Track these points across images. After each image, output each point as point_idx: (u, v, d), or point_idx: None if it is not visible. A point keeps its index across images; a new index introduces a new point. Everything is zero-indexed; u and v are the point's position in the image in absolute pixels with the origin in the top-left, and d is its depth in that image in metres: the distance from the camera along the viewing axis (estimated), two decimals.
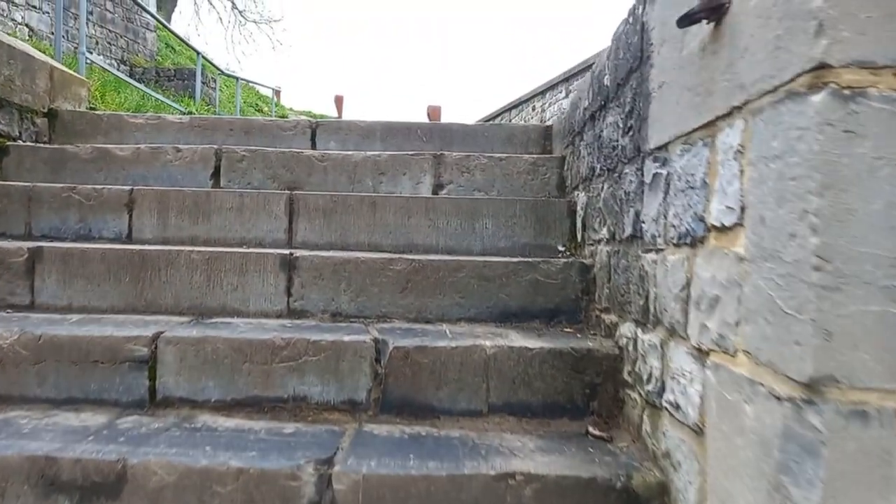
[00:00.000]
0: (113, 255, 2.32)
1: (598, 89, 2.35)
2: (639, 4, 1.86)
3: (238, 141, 3.56)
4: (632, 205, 1.82)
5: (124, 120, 3.57)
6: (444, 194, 3.10)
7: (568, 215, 2.68)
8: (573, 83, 12.33)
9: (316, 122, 3.58)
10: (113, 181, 3.13)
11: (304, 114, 24.29)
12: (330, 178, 3.12)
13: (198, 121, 3.58)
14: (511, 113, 16.36)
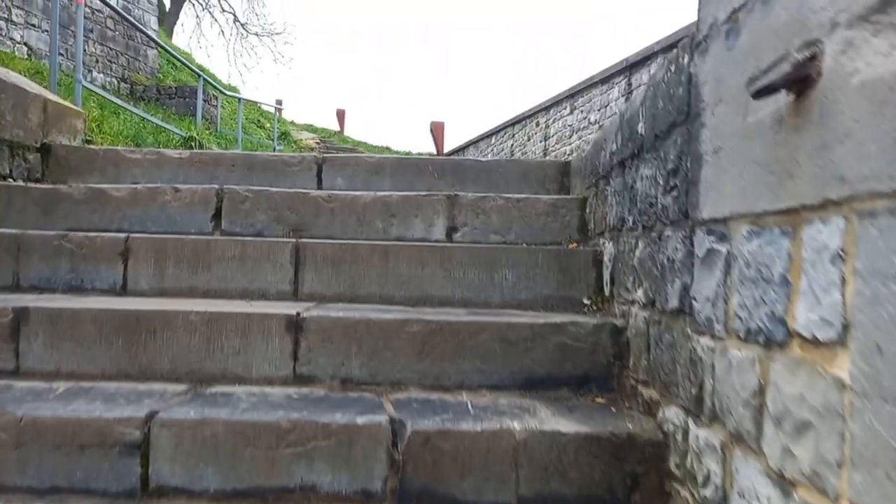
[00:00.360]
0: (105, 317, 2.14)
1: (630, 135, 2.17)
2: (682, 53, 1.69)
3: (240, 177, 3.39)
4: (677, 275, 1.64)
5: (121, 155, 3.40)
6: (458, 238, 2.93)
7: (593, 265, 2.50)
8: (577, 100, 12.21)
9: (322, 158, 3.41)
10: (108, 223, 2.96)
11: (305, 128, 24.23)
12: (338, 220, 2.95)
13: (198, 156, 3.41)
14: (514, 128, 16.25)
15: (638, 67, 9.76)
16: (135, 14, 10.53)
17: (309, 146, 13.31)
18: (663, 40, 8.87)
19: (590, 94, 11.61)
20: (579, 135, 12.04)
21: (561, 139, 12.94)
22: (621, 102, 10.28)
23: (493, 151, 18.11)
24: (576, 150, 12.17)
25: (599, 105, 11.15)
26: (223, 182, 3.36)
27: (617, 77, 10.47)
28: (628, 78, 10.08)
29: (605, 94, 10.96)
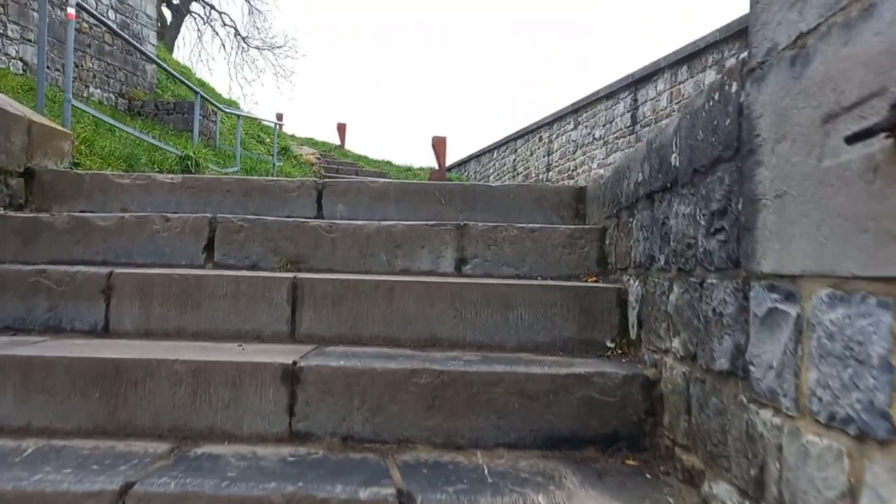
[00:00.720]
0: (81, 366, 1.93)
1: (660, 166, 1.98)
2: (729, 80, 1.50)
3: (236, 203, 3.19)
4: (726, 331, 1.44)
5: (109, 180, 3.21)
6: (468, 270, 2.73)
7: (617, 305, 2.30)
8: (581, 115, 12.06)
9: (322, 183, 3.22)
10: (93, 255, 2.76)
11: (306, 142, 24.07)
12: (339, 251, 2.75)
13: (191, 181, 3.22)
14: (517, 143, 16.11)
15: (644, 83, 9.61)
16: (133, 29, 10.40)
17: (309, 161, 13.15)
18: (670, 55, 8.73)
19: (594, 110, 11.47)
20: (583, 150, 11.88)
21: (564, 155, 12.78)
22: (627, 118, 10.13)
23: (496, 166, 17.97)
24: (580, 165, 12.01)
25: (605, 120, 10.99)
26: (217, 208, 3.17)
27: (622, 92, 10.32)
28: (634, 93, 9.93)
29: (610, 110, 10.81)
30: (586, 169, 11.70)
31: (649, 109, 9.44)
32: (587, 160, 11.71)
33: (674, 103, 8.71)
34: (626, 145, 10.11)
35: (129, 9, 10.32)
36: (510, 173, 16.69)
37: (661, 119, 9.08)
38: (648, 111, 9.46)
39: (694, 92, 8.18)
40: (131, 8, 10.36)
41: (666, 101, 8.92)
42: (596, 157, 11.30)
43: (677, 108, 8.61)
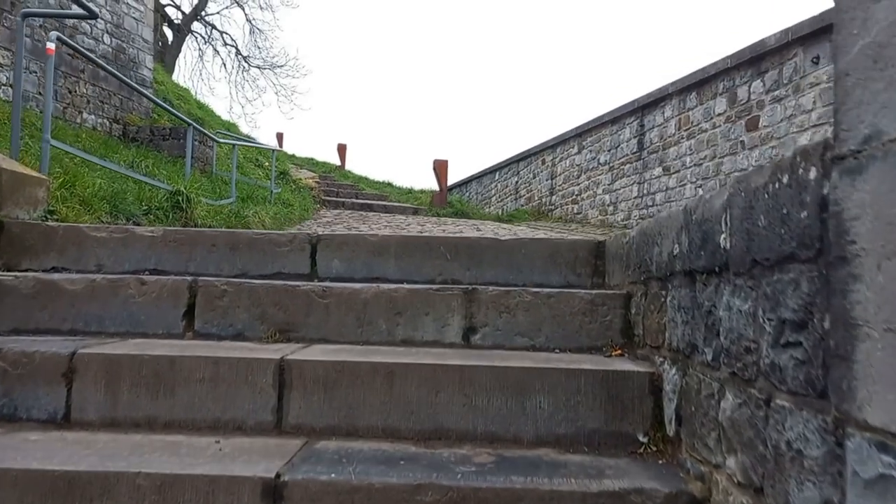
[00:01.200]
0: (27, 479, 1.65)
1: (702, 243, 1.71)
2: (805, 164, 1.23)
3: (222, 258, 2.92)
4: (809, 478, 1.16)
5: (84, 233, 2.94)
6: (477, 340, 2.45)
7: (650, 392, 2.02)
8: (585, 139, 11.85)
9: (317, 237, 2.95)
10: (59, 322, 2.49)
11: (306, 162, 23.91)
12: (333, 318, 2.47)
13: (172, 234, 2.95)
14: (519, 165, 15.90)
15: (650, 109, 9.40)
16: (129, 53, 10.22)
17: (309, 185, 12.92)
18: (678, 81, 8.52)
19: (599, 134, 11.26)
20: (588, 175, 11.65)
21: (568, 179, 12.55)
22: (633, 144, 9.90)
23: (497, 188, 17.75)
24: (584, 190, 11.77)
25: (610, 145, 10.77)
26: (202, 265, 2.90)
27: (628, 118, 10.11)
28: (640, 119, 9.71)
29: (615, 135, 10.59)
30: (591, 194, 11.46)
31: (656, 136, 9.21)
32: (592, 185, 11.47)
33: (682, 130, 8.48)
34: (633, 171, 9.87)
35: (125, 33, 10.14)
36: (512, 195, 16.47)
37: (668, 146, 8.85)
38: (655, 137, 9.24)
39: (703, 119, 7.96)
40: (127, 32, 10.18)
41: (674, 127, 8.70)
42: (601, 183, 11.06)
43: (686, 136, 8.38)
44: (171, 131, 9.97)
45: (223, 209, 6.55)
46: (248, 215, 7.12)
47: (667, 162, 8.86)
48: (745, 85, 7.14)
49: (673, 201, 8.62)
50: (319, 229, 9.01)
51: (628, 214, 9.97)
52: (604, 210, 10.89)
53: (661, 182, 9.00)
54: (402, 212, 13.18)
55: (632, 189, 9.89)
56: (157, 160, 8.69)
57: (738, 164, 7.19)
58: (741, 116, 7.18)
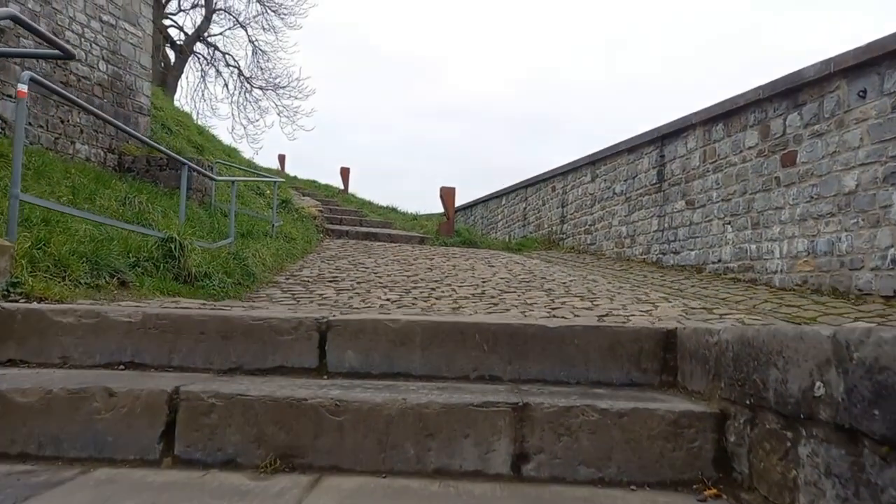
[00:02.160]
0: None
1: (875, 398, 1.21)
2: None
3: (211, 350, 2.43)
4: None
5: (47, 318, 2.45)
6: (530, 471, 1.94)
7: None
8: (599, 168, 11.41)
9: (326, 323, 2.46)
10: (8, 444, 1.98)
11: (308, 184, 23.52)
12: (348, 441, 1.97)
13: (153, 320, 2.46)
14: (527, 191, 15.47)
15: (672, 139, 8.95)
16: (126, 80, 9.81)
17: (311, 214, 12.45)
18: (702, 112, 8.08)
19: (614, 163, 10.81)
20: (602, 205, 11.18)
21: (581, 208, 12.09)
22: (652, 175, 9.44)
23: (504, 213, 17.31)
24: (598, 221, 11.30)
25: (626, 175, 10.32)
26: (187, 357, 2.41)
27: (647, 147, 9.66)
28: (660, 149, 9.27)
29: (632, 164, 10.14)
30: (606, 225, 10.99)
31: (678, 167, 8.76)
32: (607, 216, 11.00)
33: (707, 162, 8.02)
34: (652, 203, 9.40)
35: (122, 59, 9.74)
36: (520, 222, 16.02)
37: (692, 179, 8.39)
38: (677, 169, 8.78)
39: (731, 152, 7.50)
40: (124, 59, 9.78)
41: (698, 159, 8.24)
42: (617, 214, 10.59)
43: (712, 168, 7.92)
44: (169, 161, 9.52)
45: (221, 252, 6.06)
46: (248, 256, 6.64)
47: (690, 195, 8.39)
48: (779, 118, 6.69)
49: (698, 237, 8.14)
50: (323, 265, 8.54)
51: (647, 248, 9.48)
52: (620, 242, 10.41)
53: (683, 216, 8.52)
54: (408, 241, 12.71)
55: (651, 222, 9.41)
56: (153, 194, 8.24)
57: (772, 201, 6.71)
58: (775, 151, 6.72)
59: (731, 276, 7.31)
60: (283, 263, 8.14)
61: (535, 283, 6.96)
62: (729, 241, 7.46)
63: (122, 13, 9.78)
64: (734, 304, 5.68)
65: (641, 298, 5.73)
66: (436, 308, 5.45)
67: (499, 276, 7.53)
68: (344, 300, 5.95)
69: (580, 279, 7.41)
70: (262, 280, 6.73)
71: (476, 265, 8.84)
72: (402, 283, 7.05)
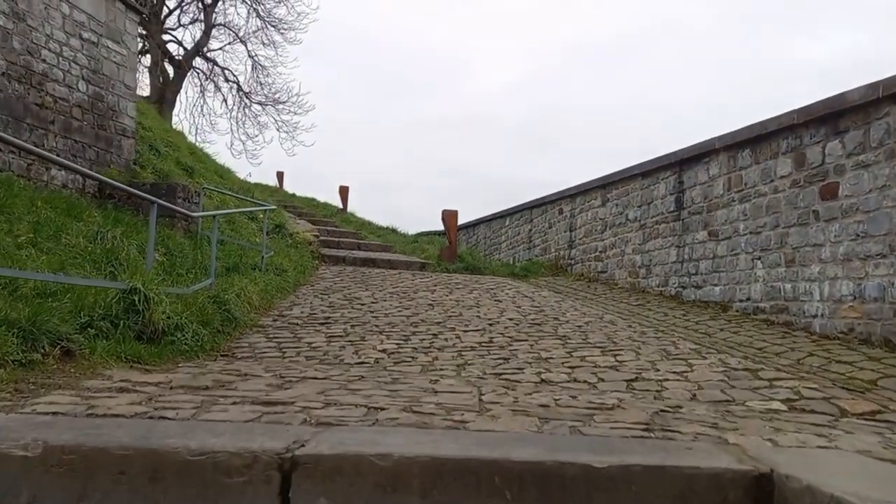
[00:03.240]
0: None
1: None
2: None
3: (134, 497, 1.78)
4: None
5: None
6: None
7: None
8: (611, 191, 10.79)
9: (291, 461, 1.81)
10: None
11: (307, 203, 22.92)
12: None
13: (57, 456, 1.81)
14: (532, 213, 14.85)
15: (691, 164, 8.33)
16: (108, 101, 9.21)
17: (307, 240, 11.81)
18: (727, 136, 7.47)
19: (626, 187, 10.19)
20: (614, 231, 10.55)
21: (590, 233, 11.46)
22: (670, 202, 8.82)
23: (508, 234, 16.69)
24: (610, 248, 10.66)
25: (640, 201, 9.69)
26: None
27: (663, 172, 9.04)
28: (678, 174, 8.64)
29: (647, 189, 9.52)
30: (618, 253, 10.35)
31: (699, 195, 8.13)
32: (619, 243, 10.36)
33: (733, 191, 7.39)
34: (670, 232, 8.77)
35: (104, 79, 9.16)
36: (524, 244, 15.38)
37: (715, 208, 7.76)
38: (698, 196, 8.15)
39: (761, 181, 6.88)
40: (106, 78, 9.20)
41: (722, 188, 7.61)
42: (630, 241, 9.96)
43: (738, 198, 7.29)
44: (153, 187, 8.91)
45: (197, 298, 5.42)
46: (230, 299, 5.99)
47: (713, 226, 7.75)
48: (817, 145, 6.07)
49: (722, 272, 7.49)
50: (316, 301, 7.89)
51: (664, 280, 8.83)
52: (634, 272, 9.76)
53: (706, 248, 7.88)
54: (408, 267, 12.07)
55: (669, 252, 8.77)
56: (132, 225, 7.62)
57: (810, 237, 6.07)
58: (813, 181, 6.09)
59: (763, 318, 6.66)
60: (272, 300, 7.50)
61: (548, 327, 6.31)
62: (759, 278, 6.81)
63: (104, 30, 9.22)
64: (775, 359, 5.03)
65: (670, 352, 5.07)
66: (438, 365, 4.80)
67: (507, 317, 6.87)
68: (335, 351, 5.31)
69: (596, 320, 6.76)
70: (246, 324, 6.09)
71: (481, 299, 8.20)
72: (400, 325, 6.40)
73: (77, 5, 8.72)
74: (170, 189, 8.95)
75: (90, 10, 8.96)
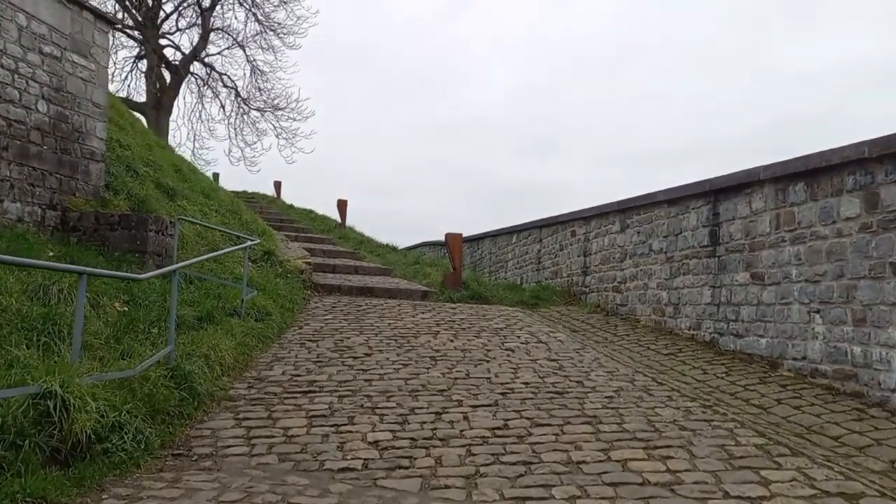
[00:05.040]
0: None
1: None
2: None
3: None
4: None
5: None
6: None
7: None
8: (631, 217, 9.79)
9: None
10: None
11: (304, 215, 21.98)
12: None
13: None
14: (542, 232, 13.85)
15: (729, 195, 7.33)
16: (73, 122, 8.25)
17: (298, 268, 10.81)
18: (776, 165, 6.47)
19: (649, 214, 9.19)
20: (635, 262, 9.55)
21: (608, 260, 10.47)
22: (703, 235, 7.81)
23: (515, 252, 15.71)
24: (631, 279, 9.67)
25: (666, 231, 8.69)
26: None
27: (694, 201, 8.04)
28: (712, 205, 7.64)
29: (674, 219, 8.52)
30: (640, 286, 9.35)
31: (739, 230, 7.13)
32: (641, 275, 9.37)
33: (783, 230, 6.39)
34: (703, 269, 7.77)
35: (69, 97, 8.19)
36: (533, 264, 14.39)
37: (760, 247, 6.75)
38: (738, 232, 7.15)
39: (820, 221, 5.88)
40: (72, 96, 8.23)
41: (769, 224, 6.61)
42: (655, 275, 8.96)
43: (789, 239, 6.29)
44: (122, 219, 7.96)
45: (149, 376, 4.45)
46: (193, 370, 5.01)
47: (758, 267, 6.76)
48: (894, 184, 5.08)
49: (770, 322, 6.49)
50: (301, 353, 6.89)
51: (697, 323, 7.84)
52: (660, 309, 8.76)
53: (748, 292, 6.88)
54: (409, 296, 11.09)
55: (701, 292, 7.77)
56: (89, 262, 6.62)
57: (886, 293, 5.07)
58: (889, 228, 5.10)
59: (824, 383, 5.66)
60: (250, 354, 6.52)
61: (572, 398, 5.32)
62: (818, 335, 5.81)
63: (69, 43, 8.26)
64: (863, 460, 4.04)
65: (732, 452, 4.06)
66: (442, 475, 3.82)
67: (522, 380, 5.89)
68: (315, 444, 4.33)
69: (628, 384, 5.76)
70: (213, 397, 5.11)
71: (490, 347, 7.22)
72: (397, 394, 5.42)
73: (36, 16, 7.76)
74: (140, 221, 7.99)
75: (52, 22, 8.00)
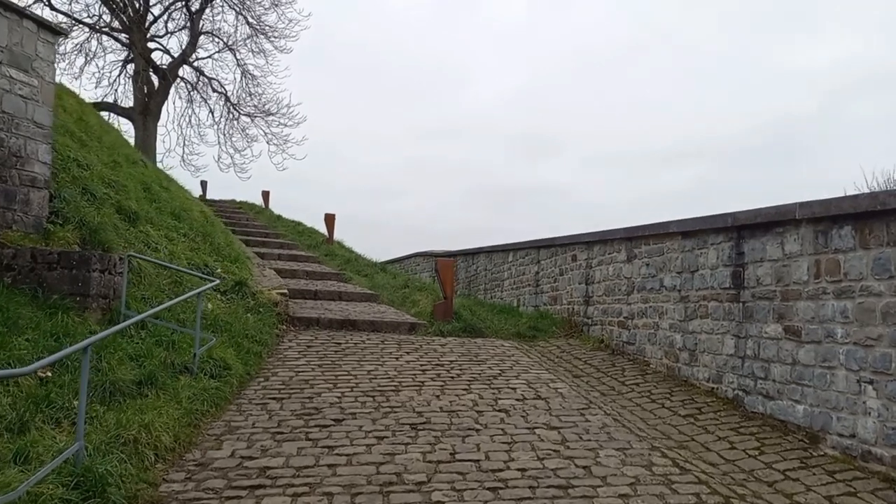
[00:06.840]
0: None
1: None
2: None
3: None
4: None
5: None
6: None
7: None
8: (639, 246, 8.83)
9: None
10: None
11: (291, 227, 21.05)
12: None
13: None
14: (540, 253, 12.90)
15: (756, 232, 6.37)
16: (10, 144, 7.28)
17: (272, 300, 9.82)
18: (815, 203, 5.51)
19: (661, 245, 8.24)
20: (643, 297, 8.59)
21: (612, 291, 9.51)
22: (724, 275, 6.85)
23: (512, 272, 14.75)
24: (639, 315, 8.71)
25: (681, 266, 7.73)
26: None
27: (713, 235, 7.08)
28: (736, 242, 6.68)
29: (690, 253, 7.56)
30: (650, 325, 8.39)
31: (768, 275, 6.16)
32: (651, 312, 8.41)
33: (825, 279, 5.42)
34: (724, 315, 6.81)
35: (5, 118, 7.22)
36: (530, 286, 13.45)
37: (794, 297, 5.78)
38: (767, 277, 6.18)
39: (873, 274, 4.92)
40: (8, 116, 7.26)
41: (806, 271, 5.65)
42: (667, 314, 7.99)
43: (833, 291, 5.33)
44: (62, 257, 6.98)
45: (42, 492, 3.47)
46: (110, 471, 4.03)
47: (792, 320, 5.80)
48: None
49: (808, 385, 5.53)
50: (260, 421, 5.90)
51: (717, 375, 6.87)
52: (673, 354, 7.80)
53: (780, 348, 5.92)
54: (395, 329, 10.14)
55: (723, 340, 6.81)
56: (11, 322, 5.66)
57: None
58: None
59: (881, 472, 4.70)
60: (198, 426, 5.54)
61: (579, 501, 4.36)
62: (870, 410, 4.85)
63: (6, 56, 7.28)
64: None
65: None
66: None
67: (517, 465, 4.93)
68: None
69: (644, 469, 4.81)
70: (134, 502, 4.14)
71: (481, 408, 6.26)
72: (365, 493, 4.46)
73: None
74: (82, 260, 7.00)
75: None
